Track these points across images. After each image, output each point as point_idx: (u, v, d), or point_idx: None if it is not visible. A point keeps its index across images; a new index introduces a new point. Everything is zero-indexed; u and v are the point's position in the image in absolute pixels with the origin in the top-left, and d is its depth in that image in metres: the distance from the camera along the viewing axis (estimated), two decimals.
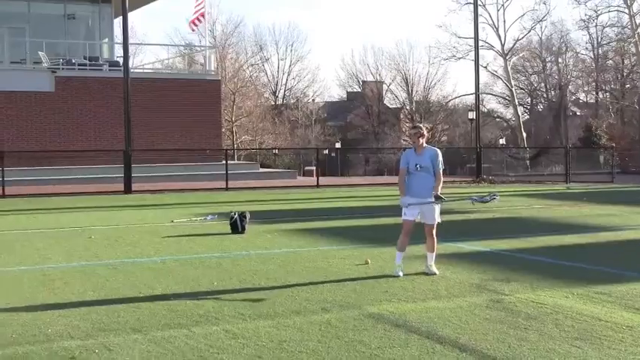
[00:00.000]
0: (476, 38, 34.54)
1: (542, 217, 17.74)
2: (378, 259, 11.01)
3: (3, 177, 24.70)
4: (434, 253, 10.04)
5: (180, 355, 6.29)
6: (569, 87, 76.28)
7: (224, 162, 29.14)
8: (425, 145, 9.87)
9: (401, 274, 9.74)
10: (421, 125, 10.38)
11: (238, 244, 12.95)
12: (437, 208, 9.99)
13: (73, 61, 32.69)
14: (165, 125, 32.33)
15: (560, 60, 75.03)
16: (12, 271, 10.41)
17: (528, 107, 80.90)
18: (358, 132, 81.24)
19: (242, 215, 14.56)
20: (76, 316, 7.63)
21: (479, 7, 63.21)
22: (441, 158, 9.97)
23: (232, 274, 10.02)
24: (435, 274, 9.86)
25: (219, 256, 11.60)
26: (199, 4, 35.16)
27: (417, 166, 9.77)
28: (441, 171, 9.96)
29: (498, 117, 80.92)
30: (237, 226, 14.41)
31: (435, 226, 10.05)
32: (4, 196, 24.04)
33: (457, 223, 16.50)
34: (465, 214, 18.42)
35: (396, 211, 17.46)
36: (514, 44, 67.34)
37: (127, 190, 25.67)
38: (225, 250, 12.32)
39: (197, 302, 8.25)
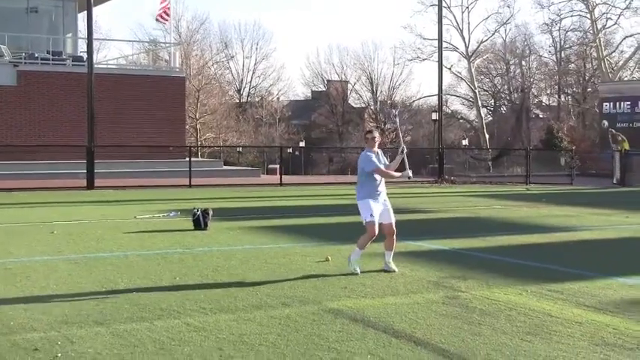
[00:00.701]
0: (440, 40, 34.89)
1: (500, 217, 18.04)
2: (338, 256, 11.18)
3: None
4: (392, 252, 10.21)
5: (142, 346, 6.42)
6: (532, 89, 77.26)
7: (187, 159, 29.16)
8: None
9: (359, 270, 9.91)
10: (375, 130, 10.51)
11: (200, 241, 13.06)
12: (391, 207, 10.11)
13: (36, 55, 32.47)
14: (128, 121, 32.28)
15: (523, 63, 75.97)
16: None
17: (492, 109, 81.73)
18: (322, 131, 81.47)
19: (205, 212, 14.66)
20: (38, 309, 7.71)
21: (445, 9, 64.29)
22: None
23: (194, 269, 10.15)
24: (394, 271, 10.06)
25: (182, 252, 11.71)
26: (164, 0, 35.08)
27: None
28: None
29: (462, 118, 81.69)
30: (199, 222, 14.51)
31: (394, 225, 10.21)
32: None
33: (417, 222, 16.77)
34: (425, 214, 18.72)
35: (352, 210, 17.71)
36: (478, 46, 68.08)
37: (90, 185, 25.58)
38: (187, 246, 12.42)
39: (159, 296, 8.37)
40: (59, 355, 6.18)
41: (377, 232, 10.01)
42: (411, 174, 10.40)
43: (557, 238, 14.27)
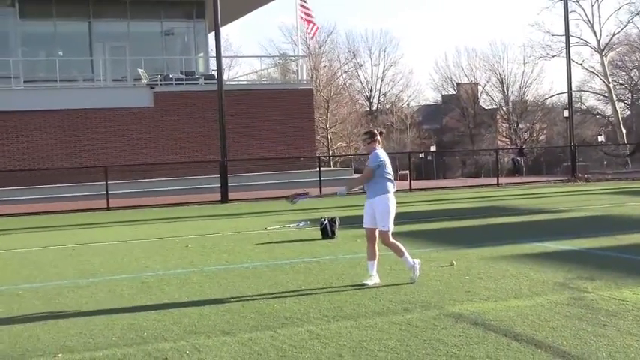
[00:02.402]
0: (567, 35, 34.04)
1: (634, 214, 17.46)
2: (463, 260, 11.15)
3: (107, 191, 25.77)
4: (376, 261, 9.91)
5: (265, 354, 6.65)
6: None
7: (317, 169, 29.60)
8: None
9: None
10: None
11: (328, 249, 13.30)
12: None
13: (171, 76, 33.80)
14: (259, 135, 33.12)
15: None
16: (114, 279, 11.02)
17: (629, 103, 78.81)
18: (454, 134, 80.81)
19: (332, 221, 14.92)
20: (169, 319, 8.10)
21: (573, 3, 62.63)
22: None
23: (319, 277, 10.37)
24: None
25: (309, 261, 11.97)
26: (306, 12, 35.72)
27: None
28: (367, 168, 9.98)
29: (598, 114, 79.14)
30: (327, 231, 14.78)
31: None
32: (108, 208, 25.08)
33: (545, 223, 16.49)
34: (555, 214, 18.33)
35: (482, 212, 17.50)
36: (610, 39, 65.82)
37: (224, 199, 26.41)
38: (314, 254, 12.68)
39: (284, 305, 8.61)
40: None
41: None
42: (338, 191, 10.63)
43: None
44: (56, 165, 30.11)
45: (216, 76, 29.33)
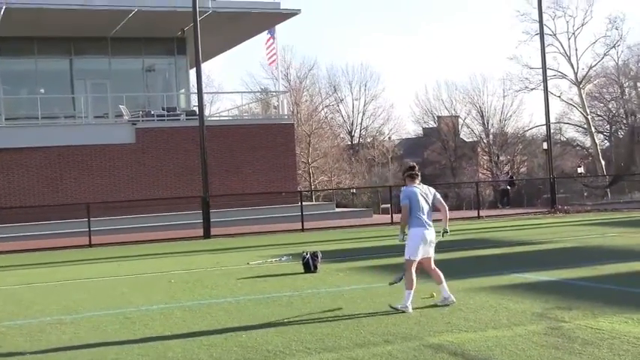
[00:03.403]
0: (544, 68, 34.58)
1: (612, 244, 17.72)
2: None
3: (89, 227, 25.78)
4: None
5: None
6: None
7: (299, 204, 29.75)
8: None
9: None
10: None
11: (310, 283, 13.42)
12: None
13: (152, 112, 33.95)
14: (241, 170, 33.26)
15: (638, 84, 73.81)
16: (97, 315, 11.08)
17: (608, 134, 79.66)
18: (435, 167, 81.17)
19: (314, 255, 15.05)
20: (153, 354, 8.19)
21: (550, 37, 63.54)
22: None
23: (302, 311, 10.48)
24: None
25: (291, 295, 12.07)
26: (270, 45, 36.08)
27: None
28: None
29: (578, 145, 79.89)
30: (309, 265, 14.90)
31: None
32: (90, 245, 25.07)
33: (525, 254, 16.72)
34: (534, 245, 18.55)
35: (463, 245, 17.69)
36: (587, 72, 66.71)
37: (206, 234, 26.48)
38: (296, 288, 12.79)
39: (267, 338, 8.72)
40: None
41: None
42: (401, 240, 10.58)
43: None
44: (39, 202, 30.09)
45: (197, 112, 29.53)
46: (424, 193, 10.41)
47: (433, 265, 10.53)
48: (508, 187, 41.15)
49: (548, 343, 7.87)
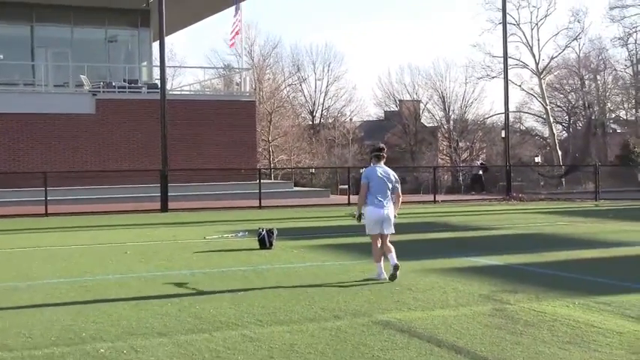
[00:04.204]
0: (505, 58, 35.03)
1: (563, 233, 18.16)
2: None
3: (46, 196, 25.67)
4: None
5: (199, 355, 6.95)
6: (608, 104, 76.03)
7: (258, 181, 29.90)
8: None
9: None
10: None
11: (264, 259, 13.62)
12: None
13: (113, 84, 33.78)
14: (201, 145, 33.26)
15: (598, 77, 74.90)
16: (54, 282, 11.19)
17: (566, 125, 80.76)
18: (395, 151, 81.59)
19: (270, 231, 15.24)
20: (108, 322, 8.34)
21: (514, 26, 64.11)
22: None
23: (256, 285, 10.68)
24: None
25: (245, 270, 12.27)
26: (235, 23, 35.98)
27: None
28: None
29: (537, 135, 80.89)
30: (264, 241, 15.10)
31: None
32: (47, 214, 24.99)
33: (478, 239, 17.08)
34: (487, 231, 18.93)
35: (417, 228, 18.05)
36: (548, 63, 67.50)
37: (164, 208, 26.53)
38: (251, 264, 12.98)
39: (220, 310, 8.90)
40: None
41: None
42: (357, 218, 11.32)
43: (616, 252, 14.40)
44: None
45: (159, 86, 29.45)
46: (385, 174, 10.80)
47: (388, 243, 11.04)
48: (480, 173, 41.53)
49: (492, 323, 8.16)
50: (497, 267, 12.58)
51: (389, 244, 11.02)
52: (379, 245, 11.04)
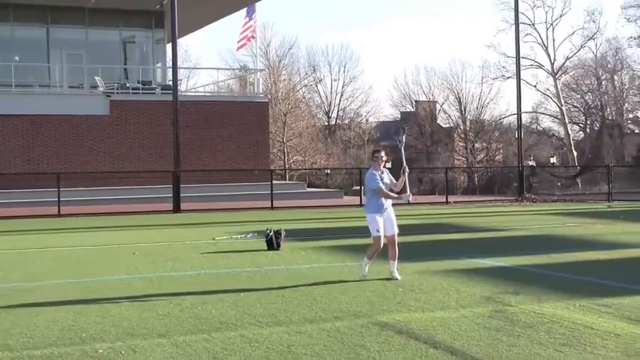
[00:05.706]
0: (517, 58, 34.92)
1: (572, 234, 18.11)
2: (400, 273, 11.55)
3: (59, 197, 25.86)
4: (396, 261, 11.23)
5: (197, 356, 7.02)
6: (625, 105, 75.62)
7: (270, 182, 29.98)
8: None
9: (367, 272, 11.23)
10: (382, 150, 11.75)
11: (271, 260, 13.68)
12: (395, 219, 11.30)
13: (128, 85, 33.96)
14: (214, 146, 33.40)
15: (615, 77, 74.48)
16: (60, 283, 11.31)
17: (583, 125, 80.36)
18: (411, 151, 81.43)
19: (277, 233, 15.31)
20: (109, 322, 8.43)
21: (528, 27, 63.97)
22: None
23: (260, 286, 10.74)
24: (397, 279, 11.02)
25: (251, 271, 12.34)
26: (246, 27, 36.08)
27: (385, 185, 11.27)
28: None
29: (553, 135, 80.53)
30: (272, 242, 15.17)
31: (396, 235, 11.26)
32: (59, 215, 25.16)
33: (485, 240, 17.07)
34: (496, 232, 18.90)
35: (426, 229, 18.08)
36: (563, 63, 67.20)
37: (176, 209, 26.65)
38: (257, 265, 13.05)
39: (221, 311, 8.97)
40: None
41: (382, 245, 11.13)
42: (411, 198, 11.48)
43: (622, 254, 14.35)
44: (9, 170, 30.09)
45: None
46: (384, 177, 11.07)
47: (396, 248, 11.30)
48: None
49: (491, 325, 8.18)
50: (503, 268, 12.57)
51: (396, 249, 11.25)
52: (381, 247, 11.11)
